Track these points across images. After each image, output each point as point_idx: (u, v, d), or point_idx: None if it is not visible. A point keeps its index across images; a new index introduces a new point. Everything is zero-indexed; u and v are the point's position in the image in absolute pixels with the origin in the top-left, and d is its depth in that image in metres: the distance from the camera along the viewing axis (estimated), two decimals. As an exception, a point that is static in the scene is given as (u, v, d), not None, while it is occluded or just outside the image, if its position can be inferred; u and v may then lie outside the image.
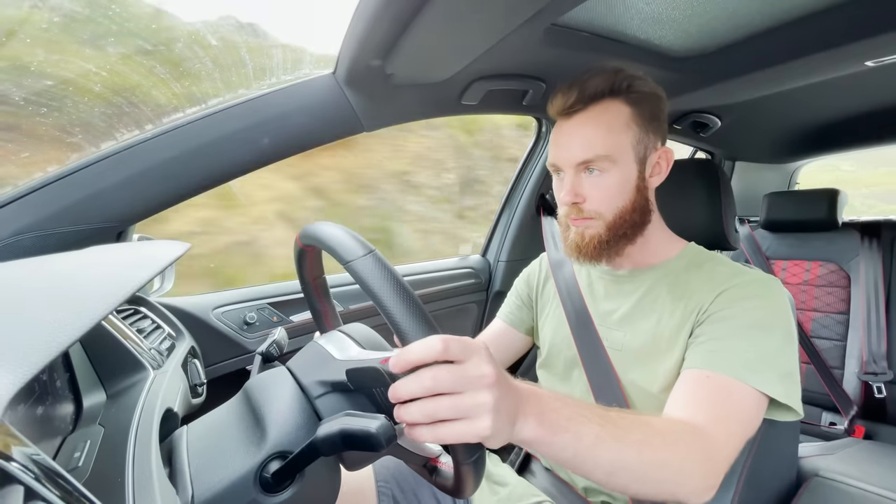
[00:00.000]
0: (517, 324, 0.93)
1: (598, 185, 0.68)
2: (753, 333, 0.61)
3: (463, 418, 0.37)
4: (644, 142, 0.69)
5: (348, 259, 0.40)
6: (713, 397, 0.57)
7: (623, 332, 0.73)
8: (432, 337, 0.37)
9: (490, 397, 0.37)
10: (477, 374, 0.37)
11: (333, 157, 1.87)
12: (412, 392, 0.37)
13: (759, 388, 0.57)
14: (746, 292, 0.64)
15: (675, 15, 0.87)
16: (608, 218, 0.69)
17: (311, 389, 0.46)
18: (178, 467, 0.42)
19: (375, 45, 0.74)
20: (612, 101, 0.68)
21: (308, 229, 0.49)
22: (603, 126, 0.67)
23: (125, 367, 0.57)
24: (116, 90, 0.84)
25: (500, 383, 0.38)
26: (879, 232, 1.50)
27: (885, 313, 1.40)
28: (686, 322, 0.66)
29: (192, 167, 0.76)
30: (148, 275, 0.41)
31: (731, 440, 0.55)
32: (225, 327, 0.96)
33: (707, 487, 0.51)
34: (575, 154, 0.68)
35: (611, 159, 0.67)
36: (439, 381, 0.36)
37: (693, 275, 0.70)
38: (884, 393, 1.37)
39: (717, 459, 0.53)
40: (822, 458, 1.03)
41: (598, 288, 0.81)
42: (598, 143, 0.67)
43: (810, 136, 1.80)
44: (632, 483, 0.48)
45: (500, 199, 1.53)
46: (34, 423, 0.40)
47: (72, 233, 0.69)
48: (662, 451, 0.49)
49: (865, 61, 0.96)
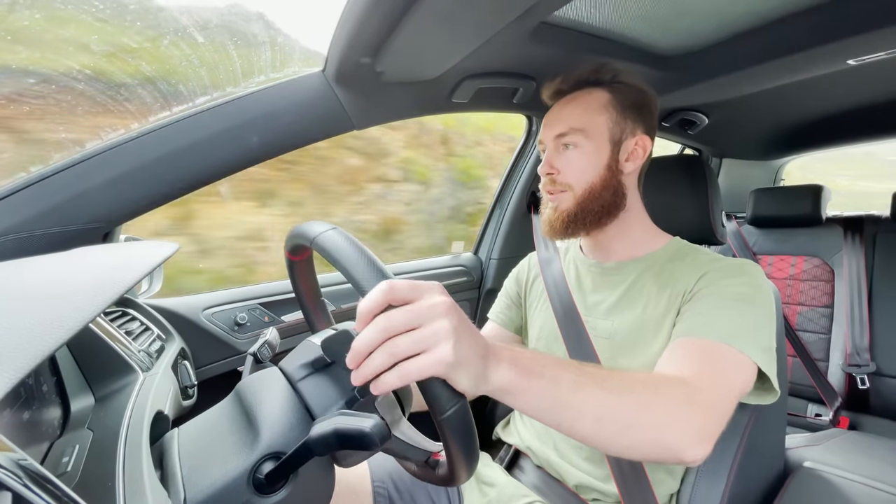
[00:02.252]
0: (507, 323, 0.95)
1: (570, 158, 0.75)
2: (737, 305, 0.63)
3: (424, 350, 0.36)
4: (620, 125, 0.74)
5: (312, 236, 0.44)
6: (697, 357, 0.58)
7: (611, 321, 0.76)
8: (383, 284, 0.37)
9: (446, 323, 0.37)
10: (429, 305, 0.37)
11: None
12: (370, 340, 0.36)
13: (743, 350, 0.57)
14: (727, 272, 0.67)
15: (663, 13, 0.88)
16: (577, 191, 0.74)
17: (294, 375, 0.46)
18: (169, 470, 0.42)
19: (365, 43, 0.74)
20: (594, 89, 0.76)
21: (288, 234, 0.51)
22: (581, 106, 0.75)
23: (114, 370, 0.56)
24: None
25: (455, 311, 0.39)
26: (862, 227, 1.53)
27: (867, 307, 1.43)
28: (672, 307, 0.69)
29: (179, 166, 0.75)
30: (136, 276, 0.41)
31: (716, 390, 0.53)
32: (215, 328, 0.95)
33: (697, 434, 0.49)
34: (555, 128, 0.76)
35: (584, 133, 0.73)
36: (393, 321, 0.36)
37: (677, 264, 0.73)
38: (867, 384, 1.40)
39: (703, 405, 0.51)
40: (809, 449, 1.05)
41: (587, 281, 0.83)
42: (573, 118, 0.74)
43: (795, 133, 1.83)
44: (620, 432, 0.46)
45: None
46: (21, 428, 0.39)
47: (57, 234, 0.67)
48: (645, 394, 0.48)
49: (847, 60, 0.98)
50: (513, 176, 1.46)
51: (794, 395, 1.56)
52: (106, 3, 0.82)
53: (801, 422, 1.51)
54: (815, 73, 1.06)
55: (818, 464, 0.94)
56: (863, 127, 1.72)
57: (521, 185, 1.44)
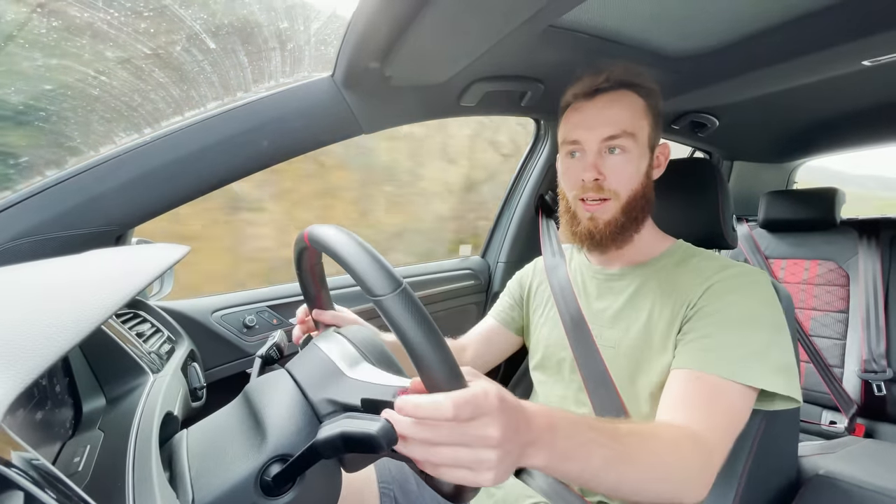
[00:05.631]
0: (509, 323, 0.94)
1: (618, 163, 0.71)
2: (742, 329, 0.62)
3: (464, 467, 0.37)
4: (655, 131, 0.74)
5: (378, 294, 0.37)
6: (706, 399, 0.59)
7: (616, 330, 0.74)
8: (446, 401, 0.35)
9: (493, 456, 0.36)
10: (480, 435, 0.36)
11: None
12: (413, 435, 0.36)
13: (752, 384, 0.59)
14: (732, 285, 0.66)
15: (673, 16, 0.88)
16: (623, 199, 0.71)
17: (320, 408, 0.44)
18: (178, 471, 0.42)
19: (374, 48, 0.74)
20: (629, 91, 0.72)
21: (325, 238, 0.44)
22: (628, 108, 0.71)
23: (124, 372, 0.57)
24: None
25: (505, 442, 0.37)
26: (878, 230, 1.50)
27: (884, 312, 1.40)
28: (676, 318, 0.67)
29: (191, 170, 0.76)
30: (147, 278, 0.41)
31: (724, 440, 0.57)
32: (225, 330, 0.96)
33: (703, 488, 0.54)
34: (602, 130, 0.70)
35: (634, 138, 0.70)
36: (440, 435, 0.36)
37: (681, 270, 0.72)
38: (883, 391, 1.37)
39: (714, 462, 0.55)
40: (823, 457, 1.03)
41: (591, 288, 0.82)
42: (625, 120, 0.70)
43: (808, 135, 1.80)
44: (634, 494, 0.50)
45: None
46: (34, 428, 0.39)
47: (71, 237, 0.69)
48: (665, 467, 0.51)
49: (862, 61, 0.96)
50: (521, 179, 1.46)
51: (809, 402, 1.53)
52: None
53: (815, 429, 1.48)
54: (830, 74, 1.04)
55: (833, 472, 0.92)
56: (878, 129, 1.68)
57: (530, 188, 1.44)
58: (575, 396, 0.78)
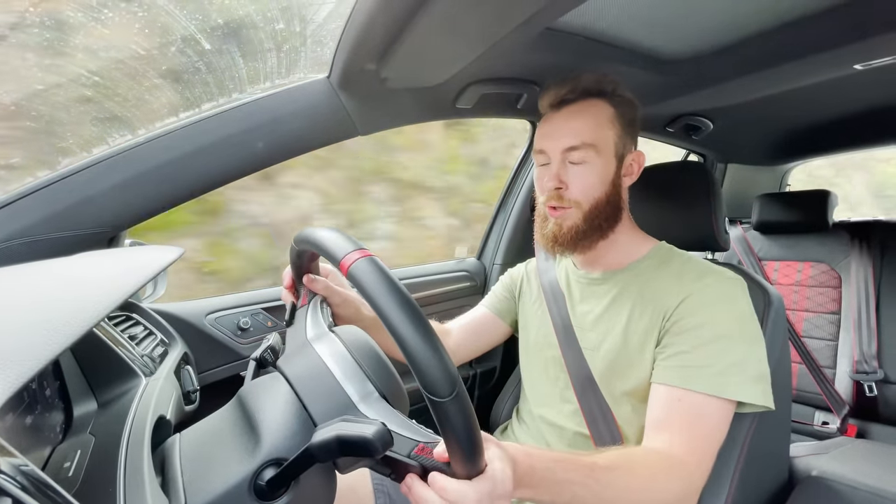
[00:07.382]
0: (504, 314, 0.96)
1: (580, 174, 0.73)
2: (719, 343, 0.63)
3: None
4: (623, 141, 0.74)
5: (441, 397, 0.36)
6: (688, 422, 0.61)
7: (596, 333, 0.76)
8: (471, 493, 0.39)
9: None
10: None
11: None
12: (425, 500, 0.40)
13: (731, 397, 0.61)
14: (709, 298, 0.67)
15: (668, 19, 0.88)
16: (584, 208, 0.73)
17: (318, 417, 0.43)
18: (170, 476, 0.42)
19: (370, 49, 0.74)
20: (598, 100, 0.74)
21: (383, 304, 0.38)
22: (591, 118, 0.72)
23: (117, 375, 0.56)
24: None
25: None
26: (870, 233, 1.52)
27: (875, 313, 1.42)
28: (653, 327, 0.69)
29: (185, 172, 0.76)
30: (140, 281, 0.41)
31: (705, 460, 0.60)
32: (219, 333, 0.95)
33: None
34: (564, 141, 0.73)
35: (595, 149, 0.72)
36: None
37: (661, 274, 0.73)
38: (875, 392, 1.38)
39: (695, 484, 0.59)
40: (816, 458, 1.04)
41: (576, 291, 0.84)
42: (586, 132, 0.72)
43: (801, 138, 1.82)
44: None
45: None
46: (23, 433, 0.39)
47: (62, 239, 0.68)
48: (641, 495, 0.54)
49: (854, 64, 0.97)
50: (516, 181, 1.46)
51: (801, 403, 1.54)
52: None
53: (807, 430, 1.49)
54: (823, 78, 1.05)
55: (825, 473, 0.93)
56: (870, 132, 1.71)
57: (525, 190, 1.44)
58: (561, 394, 0.80)
